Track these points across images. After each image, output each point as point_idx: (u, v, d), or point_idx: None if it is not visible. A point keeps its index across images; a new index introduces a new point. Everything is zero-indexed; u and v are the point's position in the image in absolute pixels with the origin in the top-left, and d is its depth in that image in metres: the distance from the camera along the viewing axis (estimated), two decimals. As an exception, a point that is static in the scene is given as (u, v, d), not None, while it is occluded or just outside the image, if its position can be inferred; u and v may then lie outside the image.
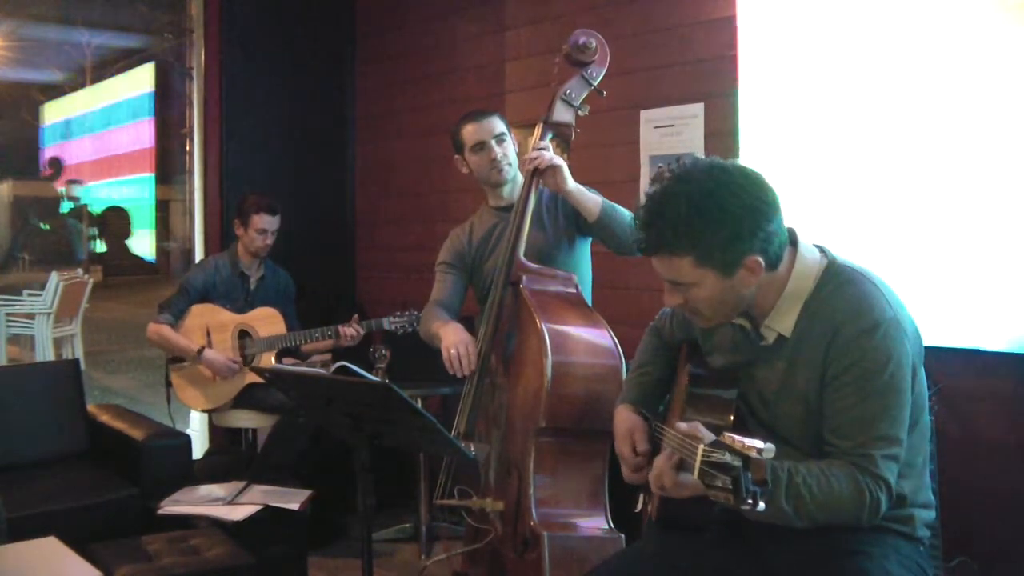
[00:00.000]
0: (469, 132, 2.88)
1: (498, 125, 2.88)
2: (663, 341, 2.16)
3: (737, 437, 1.42)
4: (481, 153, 2.87)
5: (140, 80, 9.45)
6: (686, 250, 1.67)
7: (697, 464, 1.46)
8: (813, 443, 1.75)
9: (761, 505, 1.39)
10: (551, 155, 2.66)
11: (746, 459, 1.39)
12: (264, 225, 4.07)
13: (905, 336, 1.69)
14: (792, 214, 2.85)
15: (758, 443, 1.39)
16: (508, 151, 2.88)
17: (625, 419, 2.03)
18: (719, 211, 1.65)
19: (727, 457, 1.41)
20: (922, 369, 1.76)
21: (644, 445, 1.96)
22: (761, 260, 1.68)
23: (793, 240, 1.78)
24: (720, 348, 1.91)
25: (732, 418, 1.77)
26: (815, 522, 1.63)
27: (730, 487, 1.40)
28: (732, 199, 1.66)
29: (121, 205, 9.77)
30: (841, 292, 1.72)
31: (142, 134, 9.38)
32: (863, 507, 1.63)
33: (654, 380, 2.12)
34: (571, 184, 2.68)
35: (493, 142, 2.85)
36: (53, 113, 10.34)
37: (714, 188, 1.67)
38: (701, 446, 1.47)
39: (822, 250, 1.81)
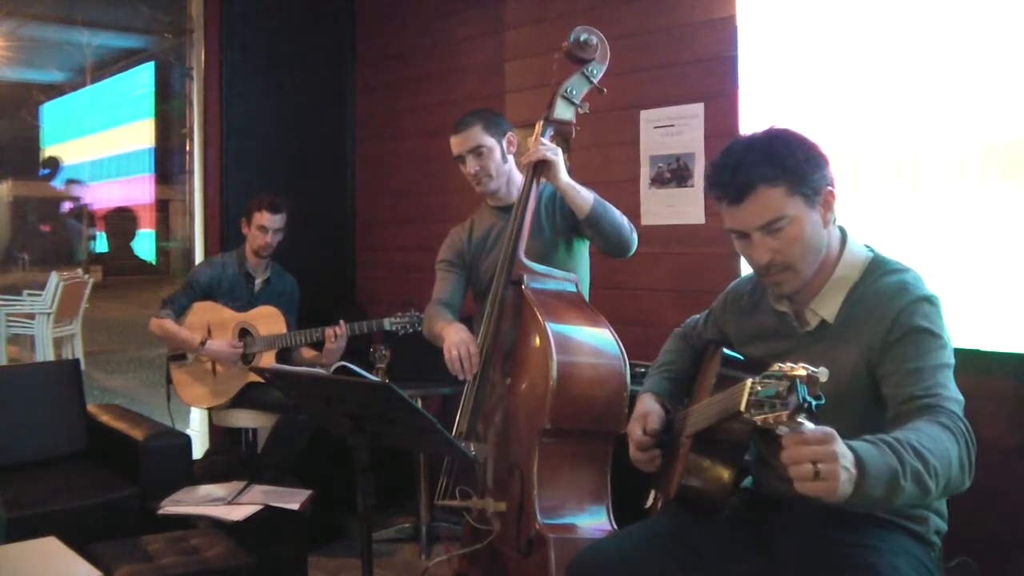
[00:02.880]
0: (452, 143, 2.90)
1: (475, 137, 2.84)
2: (689, 345, 2.21)
3: (787, 364, 1.39)
4: (461, 165, 2.90)
5: (140, 80, 9.45)
6: (780, 176, 1.76)
7: (745, 397, 1.42)
8: (835, 420, 1.76)
9: (810, 425, 1.35)
10: (545, 148, 2.65)
11: (800, 376, 1.35)
12: (265, 222, 4.08)
13: (945, 323, 1.75)
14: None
15: (810, 367, 1.37)
16: (488, 162, 2.86)
17: (644, 404, 2.09)
18: (796, 142, 1.80)
19: (780, 383, 1.37)
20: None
21: (655, 426, 2.01)
22: (835, 193, 1.79)
23: (843, 232, 1.88)
24: (759, 336, 1.96)
25: None
26: (940, 483, 1.51)
27: (784, 404, 1.35)
28: (798, 135, 1.82)
29: (126, 206, 9.78)
30: (886, 279, 1.80)
31: (142, 134, 9.37)
32: (961, 443, 1.57)
33: (678, 377, 2.17)
34: (564, 178, 2.67)
35: (470, 156, 2.86)
36: (53, 113, 10.33)
37: (780, 131, 1.83)
38: (749, 380, 1.44)
39: (868, 247, 1.89)
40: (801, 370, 1.36)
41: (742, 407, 1.42)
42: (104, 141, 10.06)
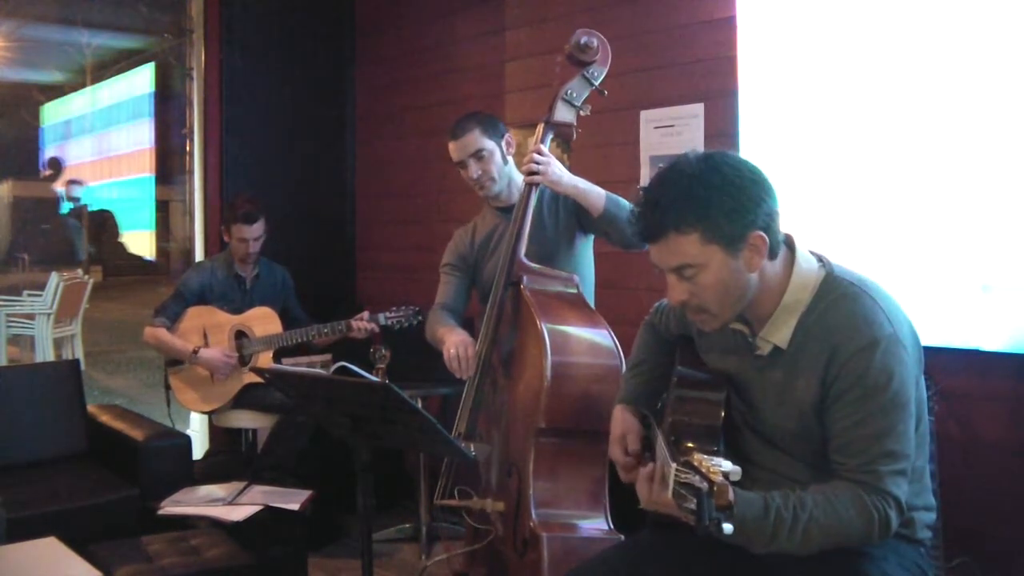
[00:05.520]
0: (450, 149, 2.89)
1: (475, 141, 2.83)
2: (659, 337, 2.14)
3: (706, 458, 1.41)
4: (462, 171, 2.89)
5: (140, 80, 9.44)
6: (693, 224, 1.65)
7: (671, 483, 1.46)
8: (806, 452, 1.75)
9: (727, 527, 1.38)
10: (542, 163, 2.64)
11: (710, 483, 1.37)
12: (243, 235, 4.06)
13: (905, 351, 1.68)
14: (792, 214, 2.84)
15: (726, 465, 1.39)
16: (489, 165, 2.84)
17: (620, 421, 2.02)
18: (721, 183, 1.66)
19: (696, 479, 1.40)
20: (922, 376, 1.76)
21: (635, 446, 1.95)
22: (765, 238, 1.67)
23: (791, 246, 1.77)
24: (717, 349, 1.90)
25: (719, 422, 1.75)
26: (825, 548, 1.64)
27: (694, 509, 1.39)
28: (732, 172, 1.68)
29: (106, 207, 9.78)
30: (838, 308, 1.71)
31: (142, 134, 9.37)
32: (872, 527, 1.63)
33: (650, 377, 2.10)
34: (567, 183, 2.67)
35: (471, 161, 2.84)
36: (53, 113, 10.33)
37: (712, 166, 1.69)
38: (675, 466, 1.46)
39: (820, 259, 1.79)
40: (715, 473, 1.38)
41: (669, 494, 1.48)
42: (104, 141, 10.07)
